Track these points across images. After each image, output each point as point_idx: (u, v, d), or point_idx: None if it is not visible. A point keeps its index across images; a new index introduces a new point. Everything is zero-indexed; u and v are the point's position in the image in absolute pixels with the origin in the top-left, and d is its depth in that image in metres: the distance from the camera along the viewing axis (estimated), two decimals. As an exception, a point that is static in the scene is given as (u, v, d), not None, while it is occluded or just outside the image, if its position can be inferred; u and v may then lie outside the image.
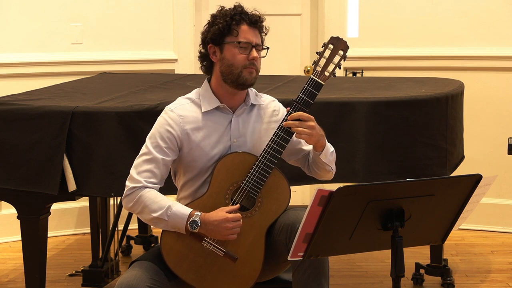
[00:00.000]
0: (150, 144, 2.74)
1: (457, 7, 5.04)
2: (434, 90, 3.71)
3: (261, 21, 2.79)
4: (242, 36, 2.73)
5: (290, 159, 2.91)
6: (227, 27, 2.73)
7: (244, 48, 2.73)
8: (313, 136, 2.69)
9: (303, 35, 5.33)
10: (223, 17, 2.75)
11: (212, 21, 2.78)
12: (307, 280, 2.67)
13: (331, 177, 2.90)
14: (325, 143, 2.76)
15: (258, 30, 2.78)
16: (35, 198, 3.40)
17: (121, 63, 5.11)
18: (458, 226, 2.48)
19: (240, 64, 2.73)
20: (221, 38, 2.74)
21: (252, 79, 2.76)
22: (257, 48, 2.75)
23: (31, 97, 3.74)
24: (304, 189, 5.17)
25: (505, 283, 4.07)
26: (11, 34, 4.94)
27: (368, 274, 4.22)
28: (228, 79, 2.75)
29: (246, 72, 2.73)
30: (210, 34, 2.76)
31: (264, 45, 2.80)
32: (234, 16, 2.73)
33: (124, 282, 2.60)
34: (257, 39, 2.77)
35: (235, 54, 2.73)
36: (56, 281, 4.15)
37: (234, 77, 2.74)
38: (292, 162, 2.94)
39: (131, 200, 2.71)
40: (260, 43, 2.77)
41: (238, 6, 2.78)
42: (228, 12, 2.76)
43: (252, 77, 2.75)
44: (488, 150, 4.99)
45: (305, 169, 2.92)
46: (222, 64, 2.75)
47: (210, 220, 2.64)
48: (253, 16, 2.77)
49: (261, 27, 2.79)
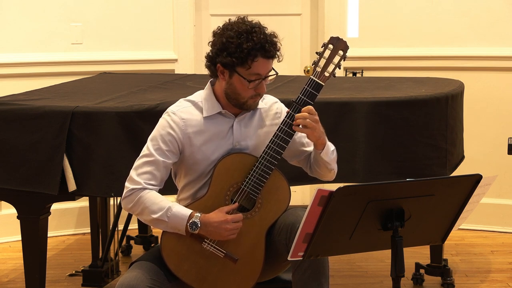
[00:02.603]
0: (151, 146, 2.73)
1: (457, 7, 5.04)
2: (434, 90, 3.71)
3: (278, 50, 2.70)
4: (254, 71, 2.65)
5: (292, 160, 2.91)
6: (241, 60, 2.64)
7: (255, 81, 2.68)
8: (316, 131, 2.67)
9: (303, 35, 5.33)
10: (239, 47, 2.62)
11: (225, 43, 2.64)
12: (307, 280, 2.67)
13: (333, 176, 2.89)
14: (325, 141, 2.76)
15: (272, 59, 2.70)
16: (35, 198, 3.40)
17: (121, 63, 5.11)
18: (458, 226, 2.48)
19: (247, 96, 2.70)
20: (232, 67, 2.66)
21: (256, 105, 2.76)
22: (267, 75, 2.70)
23: (31, 97, 3.74)
24: (304, 189, 5.17)
25: (505, 283, 4.07)
26: (11, 34, 4.94)
27: (368, 274, 4.22)
28: (232, 101, 2.73)
29: (251, 101, 2.72)
30: (221, 58, 2.66)
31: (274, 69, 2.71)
32: (251, 51, 2.62)
33: (125, 282, 2.60)
34: (269, 68, 2.69)
35: (244, 86, 2.67)
36: (56, 281, 4.15)
37: (239, 103, 2.73)
38: (294, 162, 2.93)
39: (130, 201, 2.70)
40: (271, 69, 2.70)
41: (256, 31, 2.63)
42: (244, 40, 2.61)
43: (257, 103, 2.75)
44: (488, 150, 4.99)
45: (307, 170, 2.91)
46: (229, 87, 2.71)
47: (210, 221, 2.64)
48: (270, 49, 2.65)
49: (276, 56, 2.71)
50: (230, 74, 2.68)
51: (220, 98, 2.76)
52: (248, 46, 2.62)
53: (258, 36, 2.63)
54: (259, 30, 2.66)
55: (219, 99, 2.77)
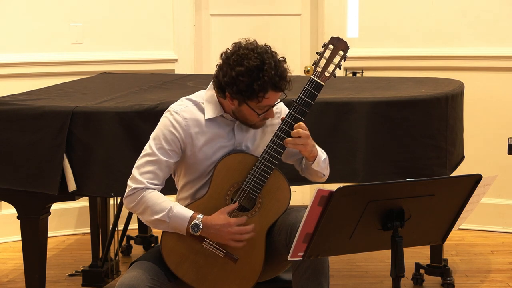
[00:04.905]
0: (154, 145, 2.72)
1: (457, 7, 5.04)
2: (434, 90, 3.71)
3: (288, 82, 2.66)
4: (265, 103, 2.64)
5: (286, 159, 2.91)
6: (251, 96, 2.62)
7: (264, 112, 2.69)
8: (308, 146, 2.71)
9: (303, 35, 5.33)
10: (249, 85, 2.58)
11: (235, 78, 2.59)
12: (307, 280, 2.67)
13: (324, 181, 2.92)
14: (316, 154, 2.77)
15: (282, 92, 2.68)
16: (35, 198, 3.40)
17: (121, 63, 5.11)
18: (458, 226, 2.48)
19: (255, 121, 2.72)
20: (242, 100, 2.65)
21: (263, 125, 2.76)
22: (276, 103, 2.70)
23: (31, 97, 3.73)
24: (304, 189, 5.17)
25: (505, 283, 4.07)
26: (11, 34, 4.94)
27: (368, 274, 4.22)
28: (239, 120, 2.74)
29: (259, 123, 2.74)
30: (230, 90, 2.63)
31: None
32: (261, 89, 2.59)
33: (125, 282, 2.60)
34: (278, 96, 2.68)
35: (253, 115, 2.68)
36: (56, 281, 4.15)
37: (246, 124, 2.74)
38: (288, 161, 2.94)
39: (133, 201, 2.70)
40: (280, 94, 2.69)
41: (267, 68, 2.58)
42: (255, 79, 2.58)
43: (264, 123, 2.76)
44: (488, 150, 4.99)
45: (298, 169, 2.94)
46: (238, 112, 2.70)
47: (212, 224, 2.64)
48: (281, 83, 2.62)
49: (287, 88, 2.67)
50: (239, 103, 2.68)
51: (223, 104, 2.76)
52: (259, 85, 2.60)
53: (269, 74, 2.60)
54: (270, 65, 2.61)
55: (221, 103, 2.76)
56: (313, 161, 2.78)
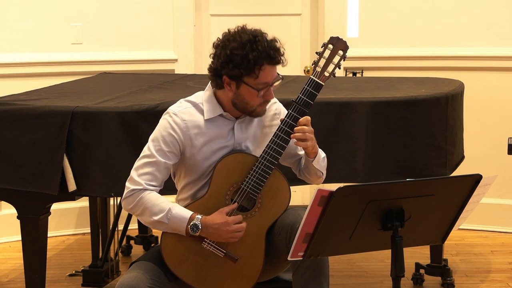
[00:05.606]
0: (152, 147, 2.72)
1: (457, 7, 5.04)
2: (434, 90, 3.71)
3: (282, 55, 2.69)
4: (262, 79, 2.65)
5: (284, 160, 2.90)
6: (248, 70, 2.63)
7: (263, 89, 2.68)
8: (312, 140, 2.70)
9: (303, 35, 5.33)
10: (244, 58, 2.61)
11: (229, 55, 2.63)
12: (307, 280, 2.67)
13: (321, 182, 2.91)
14: (317, 150, 2.77)
15: (278, 64, 2.69)
16: (35, 198, 3.40)
17: (121, 63, 5.11)
18: (458, 226, 2.48)
19: (256, 104, 2.70)
20: (239, 78, 2.65)
21: (264, 112, 2.76)
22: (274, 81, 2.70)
23: (31, 97, 3.74)
24: (304, 189, 5.17)
25: (505, 283, 4.07)
26: (11, 34, 4.94)
27: (368, 274, 4.22)
28: (240, 109, 2.73)
29: (260, 108, 2.72)
30: (226, 70, 2.65)
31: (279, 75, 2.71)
32: (257, 60, 2.62)
33: (125, 282, 2.60)
34: (275, 74, 2.69)
35: (253, 95, 2.67)
36: (56, 281, 4.15)
37: (247, 111, 2.73)
38: (285, 163, 2.94)
39: (131, 202, 2.70)
40: (276, 75, 2.70)
41: (260, 40, 2.62)
42: (249, 50, 2.60)
43: (264, 110, 2.75)
44: (488, 150, 4.99)
45: (295, 171, 2.93)
46: (236, 98, 2.70)
47: (211, 223, 2.64)
48: (276, 55, 2.64)
49: (281, 61, 2.70)
50: (237, 85, 2.67)
51: (222, 102, 2.76)
52: (254, 56, 2.61)
53: (262, 45, 2.63)
54: (262, 38, 2.65)
55: (220, 101, 2.76)
56: (314, 157, 2.77)
